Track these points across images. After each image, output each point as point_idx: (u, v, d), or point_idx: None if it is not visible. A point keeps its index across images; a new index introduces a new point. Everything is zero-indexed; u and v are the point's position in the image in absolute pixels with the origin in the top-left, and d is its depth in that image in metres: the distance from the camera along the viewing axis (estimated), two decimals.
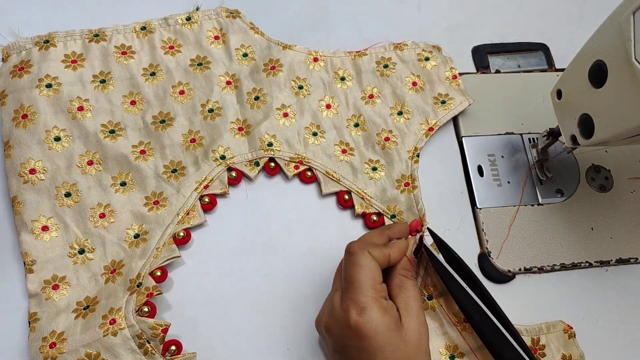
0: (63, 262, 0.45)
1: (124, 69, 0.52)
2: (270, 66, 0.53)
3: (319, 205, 0.50)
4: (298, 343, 0.45)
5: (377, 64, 0.55)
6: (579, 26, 0.62)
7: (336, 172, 0.51)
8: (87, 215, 0.47)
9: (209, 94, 0.52)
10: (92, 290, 0.44)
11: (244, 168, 0.50)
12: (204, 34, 0.54)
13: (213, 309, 0.46)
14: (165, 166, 0.49)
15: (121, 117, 0.50)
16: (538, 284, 0.50)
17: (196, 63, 0.53)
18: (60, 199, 0.47)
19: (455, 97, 0.55)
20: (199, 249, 0.48)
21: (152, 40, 0.53)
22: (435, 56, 0.56)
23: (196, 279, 0.47)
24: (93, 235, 0.46)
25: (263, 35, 0.55)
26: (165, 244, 0.46)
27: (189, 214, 0.48)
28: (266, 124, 0.51)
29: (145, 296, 0.43)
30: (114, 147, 0.49)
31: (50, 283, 0.44)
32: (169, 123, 0.50)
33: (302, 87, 0.53)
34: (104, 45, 0.52)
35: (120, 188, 0.48)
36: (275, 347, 0.45)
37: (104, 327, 0.42)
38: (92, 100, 0.50)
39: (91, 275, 0.45)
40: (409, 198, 0.50)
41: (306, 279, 0.48)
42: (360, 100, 0.54)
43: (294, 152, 0.51)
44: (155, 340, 0.42)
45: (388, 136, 0.53)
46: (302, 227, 0.50)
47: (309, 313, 0.46)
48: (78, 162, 0.48)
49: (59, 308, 0.43)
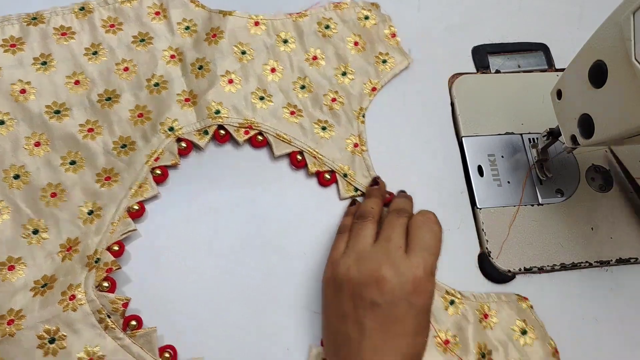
0: (17, 243, 0.45)
1: (65, 49, 0.52)
2: (212, 34, 0.53)
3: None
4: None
5: (319, 25, 0.55)
6: (579, 26, 0.61)
7: (287, 134, 0.51)
8: (38, 196, 0.46)
9: (154, 69, 0.52)
10: (49, 269, 0.44)
11: (193, 138, 0.50)
12: (145, 11, 0.54)
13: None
14: (115, 142, 0.49)
15: (66, 97, 0.50)
16: (538, 284, 0.50)
17: (138, 39, 0.53)
18: (9, 182, 0.46)
19: (395, 57, 0.56)
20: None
21: (92, 19, 0.53)
22: (375, 14, 0.57)
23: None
24: (46, 215, 0.46)
25: (204, 8, 0.55)
26: (120, 219, 0.46)
27: (142, 187, 0.48)
28: (212, 92, 0.51)
29: (104, 271, 0.44)
30: (61, 127, 0.49)
31: (5, 265, 0.44)
32: (115, 100, 0.50)
33: (245, 52, 0.53)
34: (43, 28, 0.52)
35: (71, 167, 0.48)
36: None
37: (63, 303, 0.42)
38: (34, 82, 0.50)
39: (47, 254, 0.45)
40: (359, 160, 0.51)
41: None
42: (305, 62, 0.54)
43: (243, 117, 0.51)
44: (115, 315, 0.43)
45: (334, 97, 0.53)
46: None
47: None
48: (25, 144, 0.48)
49: (16, 287, 0.43)
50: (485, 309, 0.46)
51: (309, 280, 0.47)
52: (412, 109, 0.55)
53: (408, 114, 0.55)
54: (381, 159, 0.52)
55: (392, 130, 0.54)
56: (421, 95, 0.56)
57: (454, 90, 0.56)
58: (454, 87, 0.56)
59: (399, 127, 0.54)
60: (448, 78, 0.57)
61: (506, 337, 0.46)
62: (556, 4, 0.63)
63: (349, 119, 0.52)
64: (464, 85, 0.56)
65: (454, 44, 0.59)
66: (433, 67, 0.57)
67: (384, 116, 0.54)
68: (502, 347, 0.45)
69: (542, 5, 0.62)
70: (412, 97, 0.55)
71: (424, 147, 0.53)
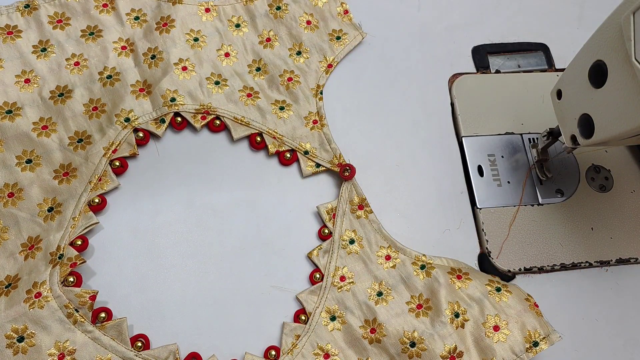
0: None
1: (12, 48, 0.51)
2: (162, 23, 0.53)
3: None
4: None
5: (270, 7, 0.55)
6: (579, 26, 0.61)
7: (244, 117, 0.51)
8: None
9: (105, 61, 0.51)
10: (12, 268, 0.44)
11: (150, 127, 0.50)
12: (92, 3, 0.53)
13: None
14: (70, 137, 0.48)
15: (17, 97, 0.49)
16: (538, 284, 0.49)
17: (87, 33, 0.52)
18: None
19: (348, 32, 0.56)
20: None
21: (38, 16, 0.52)
22: None
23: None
24: (4, 216, 0.45)
25: None
26: (81, 213, 0.46)
27: (101, 180, 0.47)
28: (166, 80, 0.51)
29: (69, 267, 0.43)
30: (14, 127, 0.48)
31: None
32: (67, 95, 0.50)
33: (197, 39, 0.53)
34: None
35: (27, 166, 0.47)
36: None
37: (29, 302, 0.41)
38: None
39: (9, 254, 0.44)
40: (319, 135, 0.51)
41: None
42: (259, 45, 0.54)
43: (199, 103, 0.51)
44: (83, 309, 0.42)
45: (290, 76, 0.53)
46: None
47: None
48: None
49: None
50: (458, 270, 0.47)
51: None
52: (412, 109, 0.55)
53: (408, 113, 0.55)
54: (378, 153, 0.52)
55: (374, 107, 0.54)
56: (421, 95, 0.56)
57: (454, 90, 0.56)
58: (454, 87, 0.56)
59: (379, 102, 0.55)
60: (448, 78, 0.57)
61: (481, 295, 0.46)
62: (556, 4, 0.63)
63: (306, 96, 0.53)
64: (464, 85, 0.56)
65: (454, 44, 0.59)
66: (433, 67, 0.57)
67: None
68: (478, 305, 0.45)
69: (542, 5, 0.62)
70: (412, 97, 0.56)
71: (424, 147, 0.53)
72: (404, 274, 0.46)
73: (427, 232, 0.49)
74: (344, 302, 0.45)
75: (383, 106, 0.55)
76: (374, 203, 0.49)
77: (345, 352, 0.43)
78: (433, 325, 0.44)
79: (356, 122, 0.54)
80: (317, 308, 0.44)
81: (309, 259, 0.47)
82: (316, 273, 0.46)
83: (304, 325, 0.44)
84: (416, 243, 0.48)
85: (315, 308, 0.44)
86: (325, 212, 0.48)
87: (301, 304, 0.45)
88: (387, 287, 0.46)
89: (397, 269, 0.46)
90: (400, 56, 0.57)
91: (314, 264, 0.47)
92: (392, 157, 0.52)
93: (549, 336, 0.44)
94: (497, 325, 0.44)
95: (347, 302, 0.45)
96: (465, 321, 0.45)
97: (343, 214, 0.48)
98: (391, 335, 0.44)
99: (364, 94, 0.55)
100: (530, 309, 0.45)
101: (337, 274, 0.46)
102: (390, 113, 0.55)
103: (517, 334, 0.44)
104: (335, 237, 0.47)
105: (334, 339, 0.44)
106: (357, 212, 0.48)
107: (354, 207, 0.48)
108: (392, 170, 0.51)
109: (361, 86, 0.55)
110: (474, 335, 0.44)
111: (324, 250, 0.47)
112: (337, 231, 0.47)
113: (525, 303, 0.46)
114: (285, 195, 0.50)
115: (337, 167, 0.50)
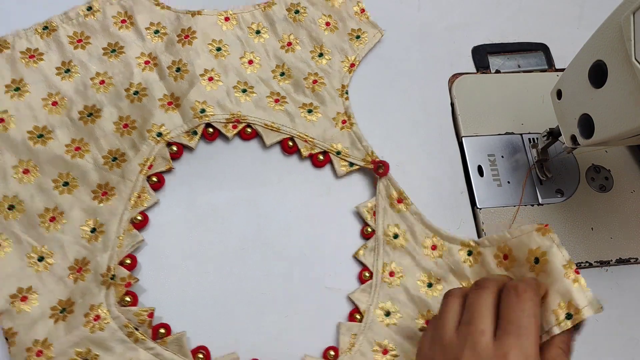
0: (25, 274, 0.44)
1: (36, 72, 0.50)
2: (184, 35, 0.53)
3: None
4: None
5: (288, 11, 0.56)
6: (579, 26, 0.61)
7: (274, 122, 0.51)
8: (37, 222, 0.46)
9: (130, 77, 0.51)
10: (63, 293, 0.44)
11: (183, 140, 0.50)
12: (110, 21, 0.53)
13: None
14: (104, 156, 0.48)
15: (46, 120, 0.49)
16: None
17: (109, 50, 0.52)
18: (4, 213, 0.45)
19: (367, 31, 0.57)
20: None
21: (58, 37, 0.52)
22: None
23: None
24: (48, 241, 0.45)
25: (169, 9, 0.54)
26: (125, 232, 0.46)
27: (140, 196, 0.48)
28: (194, 91, 0.51)
29: (124, 286, 0.44)
30: (47, 151, 0.48)
31: (17, 297, 0.43)
32: (97, 115, 0.50)
33: (220, 48, 0.53)
34: (9, 54, 0.50)
35: (64, 188, 0.47)
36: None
37: (89, 325, 0.42)
38: (11, 110, 0.48)
39: (57, 279, 0.44)
40: (349, 134, 0.52)
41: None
42: (280, 50, 0.54)
43: (228, 112, 0.51)
44: (143, 327, 0.43)
45: (315, 79, 0.54)
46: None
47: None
48: (13, 174, 0.47)
49: (33, 318, 0.42)
50: (505, 250, 0.45)
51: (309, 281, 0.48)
52: (412, 109, 0.55)
53: (408, 114, 0.55)
54: (377, 153, 0.52)
55: (381, 106, 0.55)
56: (421, 95, 0.56)
57: (454, 90, 0.56)
58: (454, 87, 0.56)
59: (388, 102, 0.55)
60: (448, 78, 0.57)
61: (524, 272, 0.42)
62: (556, 4, 0.63)
63: (333, 97, 0.53)
64: (464, 85, 0.57)
65: (454, 44, 0.59)
66: (433, 67, 0.57)
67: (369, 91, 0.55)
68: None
69: (542, 5, 0.62)
70: (412, 97, 0.56)
71: (424, 147, 0.54)
72: (451, 263, 0.47)
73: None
74: (397, 297, 0.46)
75: (383, 106, 0.55)
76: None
77: (403, 346, 0.44)
78: None
79: (356, 122, 0.54)
80: (370, 305, 0.45)
81: (356, 259, 0.48)
82: (365, 272, 0.47)
83: (359, 324, 0.45)
84: None
85: (369, 306, 0.45)
86: (365, 211, 0.49)
87: (354, 303, 0.46)
88: (437, 277, 0.46)
89: (444, 257, 0.47)
90: (400, 56, 0.58)
91: (361, 263, 0.47)
92: (392, 157, 0.52)
93: (587, 307, 0.40)
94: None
95: (399, 296, 0.46)
96: None
97: (384, 210, 0.49)
98: None
99: (363, 94, 0.55)
100: (565, 276, 0.40)
101: (386, 269, 0.47)
102: (390, 113, 0.55)
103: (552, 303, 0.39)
104: (378, 234, 0.48)
105: (391, 334, 0.44)
106: (398, 206, 0.49)
107: (393, 201, 0.49)
108: (392, 170, 0.51)
109: (361, 86, 0.55)
110: None
111: (370, 248, 0.48)
112: (380, 228, 0.48)
113: (561, 270, 0.41)
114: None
115: (371, 164, 0.50)
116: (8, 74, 0.50)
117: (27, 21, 0.52)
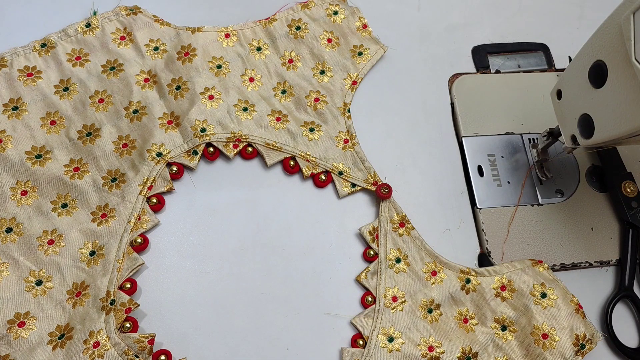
0: (22, 298, 0.43)
1: (34, 90, 0.50)
2: (184, 53, 0.52)
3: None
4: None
5: (290, 27, 0.55)
6: (579, 26, 0.61)
7: (276, 141, 0.51)
8: (35, 246, 0.45)
9: (129, 96, 0.51)
10: (62, 318, 0.43)
11: (183, 160, 0.49)
12: (109, 37, 0.52)
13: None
14: (104, 177, 0.48)
15: (44, 140, 0.48)
16: None
17: (108, 68, 0.51)
18: (2, 236, 0.45)
19: (370, 47, 0.56)
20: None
21: (56, 55, 0.51)
22: (343, 9, 0.56)
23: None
24: (46, 264, 0.45)
25: (169, 25, 0.54)
26: (125, 255, 0.45)
27: (140, 218, 0.47)
28: (194, 110, 0.50)
29: (123, 312, 0.43)
30: (45, 172, 0.47)
31: (14, 322, 0.42)
32: (96, 134, 0.49)
33: (221, 66, 0.53)
34: (7, 72, 0.50)
35: (63, 210, 0.46)
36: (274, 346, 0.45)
37: (88, 352, 0.41)
38: (8, 129, 0.48)
39: (56, 303, 0.44)
40: (352, 154, 0.51)
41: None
42: (282, 67, 0.54)
43: (229, 131, 0.50)
44: (143, 354, 0.42)
45: (317, 97, 0.53)
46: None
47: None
48: (11, 195, 0.46)
49: (31, 344, 0.42)
50: (504, 281, 0.47)
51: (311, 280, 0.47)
52: (412, 109, 0.55)
53: (408, 113, 0.55)
54: (377, 154, 0.52)
55: (383, 123, 0.54)
56: (421, 95, 0.56)
57: (454, 90, 0.56)
58: (454, 87, 0.56)
59: (389, 118, 0.54)
60: (448, 78, 0.57)
61: (527, 304, 0.46)
62: (556, 4, 0.63)
63: (335, 116, 0.52)
64: (464, 85, 0.56)
65: (454, 44, 0.59)
66: (433, 67, 0.57)
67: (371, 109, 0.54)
68: (524, 316, 0.46)
69: (542, 5, 0.62)
70: (412, 97, 0.56)
71: (424, 147, 0.53)
72: (451, 289, 0.46)
73: (427, 232, 0.49)
74: (399, 322, 0.45)
75: (383, 106, 0.55)
76: None
77: None
78: (482, 339, 0.45)
79: (356, 122, 0.53)
80: (373, 331, 0.45)
81: (358, 282, 0.47)
82: (368, 296, 0.46)
83: (362, 349, 0.44)
84: None
85: (372, 331, 0.45)
86: (367, 233, 0.48)
87: (357, 328, 0.45)
88: (436, 303, 0.46)
89: (444, 283, 0.47)
90: (400, 56, 0.57)
91: (364, 287, 0.47)
92: (392, 157, 0.52)
93: (593, 337, 0.45)
94: (545, 334, 0.45)
95: (401, 321, 0.45)
96: (514, 332, 0.45)
97: (385, 234, 0.48)
98: (448, 352, 0.44)
99: (363, 94, 0.55)
100: (575, 312, 0.46)
101: (389, 294, 0.46)
102: (390, 113, 0.55)
103: (566, 339, 0.45)
104: (381, 258, 0.47)
105: None
106: (399, 230, 0.48)
107: (395, 225, 0.48)
108: (392, 170, 0.51)
109: (361, 86, 0.55)
110: (524, 344, 0.45)
111: (372, 272, 0.47)
112: (382, 251, 0.47)
113: (571, 306, 0.46)
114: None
115: (373, 185, 0.50)
116: (6, 93, 0.49)
117: (25, 38, 0.51)
